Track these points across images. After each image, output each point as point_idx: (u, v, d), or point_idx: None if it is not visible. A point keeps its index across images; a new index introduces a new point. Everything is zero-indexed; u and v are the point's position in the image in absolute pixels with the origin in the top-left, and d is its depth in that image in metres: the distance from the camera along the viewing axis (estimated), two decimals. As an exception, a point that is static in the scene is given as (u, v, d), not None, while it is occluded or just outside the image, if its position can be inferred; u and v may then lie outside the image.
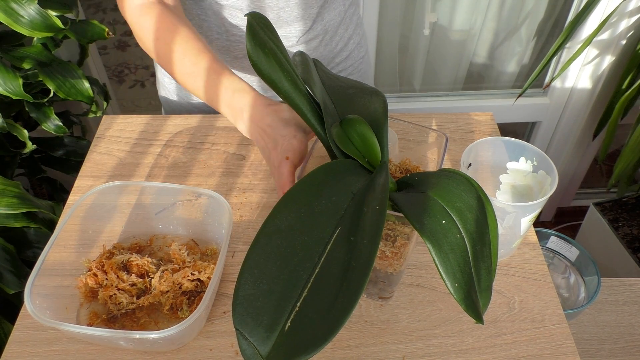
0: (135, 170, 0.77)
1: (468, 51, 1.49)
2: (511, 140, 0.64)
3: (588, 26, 1.33)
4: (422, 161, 0.62)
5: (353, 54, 0.93)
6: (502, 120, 1.56)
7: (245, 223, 0.71)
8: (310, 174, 0.47)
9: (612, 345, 0.93)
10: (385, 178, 0.46)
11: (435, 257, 0.40)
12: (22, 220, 0.97)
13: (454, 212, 0.43)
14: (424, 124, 0.66)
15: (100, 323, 0.59)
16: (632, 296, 1.00)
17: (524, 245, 0.69)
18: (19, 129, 1.08)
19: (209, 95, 0.65)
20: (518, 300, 0.63)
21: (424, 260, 0.67)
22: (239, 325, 0.38)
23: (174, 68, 0.67)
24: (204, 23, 0.80)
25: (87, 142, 1.34)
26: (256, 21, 0.51)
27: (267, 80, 0.49)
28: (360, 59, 0.95)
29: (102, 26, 1.18)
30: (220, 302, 0.62)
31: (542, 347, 0.59)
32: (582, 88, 1.46)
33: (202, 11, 0.78)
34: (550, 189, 0.59)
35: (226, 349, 0.58)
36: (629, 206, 1.47)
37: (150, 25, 0.67)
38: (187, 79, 0.66)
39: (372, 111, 0.55)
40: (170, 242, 0.64)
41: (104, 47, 2.48)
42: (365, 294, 0.63)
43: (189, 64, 0.65)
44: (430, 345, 0.59)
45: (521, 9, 1.40)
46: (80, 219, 0.62)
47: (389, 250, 0.54)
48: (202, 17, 0.79)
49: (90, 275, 0.60)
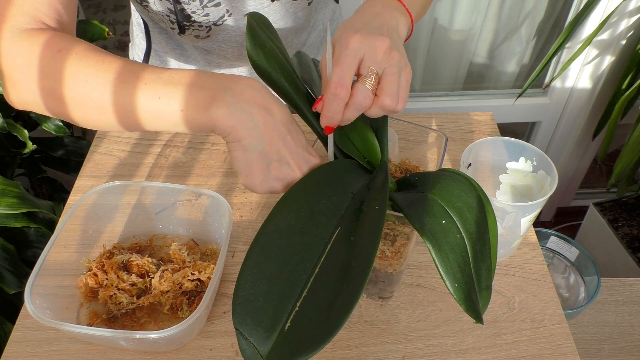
0: (136, 170, 0.77)
1: (468, 51, 1.49)
2: (511, 140, 0.64)
3: (588, 26, 1.33)
4: (422, 161, 0.62)
5: None
6: (502, 120, 1.56)
7: (245, 223, 0.71)
8: (310, 174, 0.47)
9: (612, 345, 0.93)
10: (385, 178, 0.46)
11: (435, 257, 0.40)
12: (22, 220, 0.97)
13: (453, 212, 0.43)
14: (424, 124, 0.66)
15: (100, 323, 0.59)
16: (632, 296, 1.00)
17: (523, 245, 0.69)
18: (19, 129, 1.08)
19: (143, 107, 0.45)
20: (518, 300, 0.63)
21: (424, 260, 0.67)
22: (239, 325, 0.38)
23: (72, 103, 0.47)
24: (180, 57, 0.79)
25: (87, 142, 1.34)
26: (256, 21, 0.51)
27: (267, 80, 0.49)
28: None
29: (102, 26, 1.18)
30: (220, 302, 0.62)
31: (542, 347, 0.59)
32: (582, 88, 1.46)
33: (177, 45, 0.78)
34: (550, 189, 0.59)
35: (226, 349, 0.58)
36: (628, 206, 1.47)
37: (28, 54, 0.47)
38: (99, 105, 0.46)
39: (372, 111, 0.55)
40: (171, 242, 0.64)
41: (104, 47, 2.48)
42: (365, 294, 0.63)
43: (93, 84, 0.46)
44: (430, 345, 0.59)
45: (521, 9, 1.40)
46: (81, 219, 0.62)
47: (389, 250, 0.54)
48: (178, 52, 0.78)
49: (90, 275, 0.60)
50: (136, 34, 0.83)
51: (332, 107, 0.45)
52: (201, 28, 0.71)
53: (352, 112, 0.46)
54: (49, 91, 0.47)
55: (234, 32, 0.73)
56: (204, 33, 0.72)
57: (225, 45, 0.75)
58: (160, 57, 0.82)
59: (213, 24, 0.70)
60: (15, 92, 0.49)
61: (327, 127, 0.48)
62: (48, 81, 0.47)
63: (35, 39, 0.48)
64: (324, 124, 0.47)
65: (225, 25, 0.71)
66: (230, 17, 0.70)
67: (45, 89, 0.48)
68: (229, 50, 0.77)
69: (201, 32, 0.72)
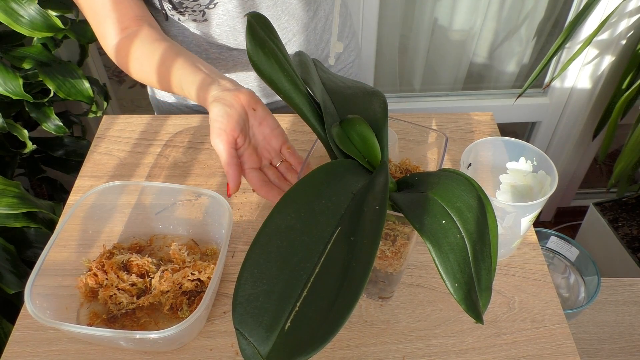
0: (136, 170, 0.77)
1: (468, 51, 1.49)
2: (511, 140, 0.64)
3: (588, 26, 1.33)
4: (422, 161, 0.62)
5: (342, 58, 0.93)
6: (502, 120, 1.56)
7: (245, 223, 0.71)
8: (310, 174, 0.47)
9: (612, 345, 0.93)
10: (385, 178, 0.46)
11: (435, 257, 0.40)
12: (22, 220, 0.97)
13: (454, 212, 0.43)
14: (424, 124, 0.66)
15: (100, 323, 0.59)
16: (632, 296, 1.00)
17: (524, 245, 0.69)
18: (19, 129, 1.08)
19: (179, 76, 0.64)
20: (518, 300, 0.63)
21: (424, 260, 0.67)
22: (239, 325, 0.38)
23: (153, 77, 0.68)
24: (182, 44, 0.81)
25: (87, 142, 1.34)
26: (256, 21, 0.51)
27: (267, 80, 0.49)
28: (350, 63, 0.95)
29: (102, 26, 1.18)
30: (220, 302, 0.62)
31: (542, 347, 0.59)
32: (582, 88, 1.46)
33: (179, 32, 0.80)
34: (550, 189, 0.59)
35: (226, 349, 0.58)
36: (628, 206, 1.47)
37: (129, 54, 0.69)
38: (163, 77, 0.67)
39: (372, 111, 0.55)
40: (170, 242, 0.64)
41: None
42: (365, 294, 0.63)
43: (163, 65, 0.66)
44: (430, 345, 0.59)
45: (521, 9, 1.40)
46: (81, 219, 0.62)
47: (389, 250, 0.54)
48: (180, 39, 0.80)
49: (90, 275, 0.60)
50: None
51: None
52: (195, 13, 0.73)
53: None
54: (135, 73, 0.71)
55: (224, 15, 0.75)
56: (200, 17, 0.74)
57: (219, 30, 0.77)
58: None
59: (206, 7, 0.73)
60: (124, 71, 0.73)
61: None
62: (134, 66, 0.70)
63: (122, 48, 0.69)
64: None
65: (216, 9, 0.73)
66: (220, 0, 0.72)
67: (133, 72, 0.71)
68: (223, 36, 0.78)
69: (197, 17, 0.74)
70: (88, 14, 0.70)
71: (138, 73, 0.70)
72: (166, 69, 0.65)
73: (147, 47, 0.68)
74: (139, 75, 0.70)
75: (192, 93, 0.61)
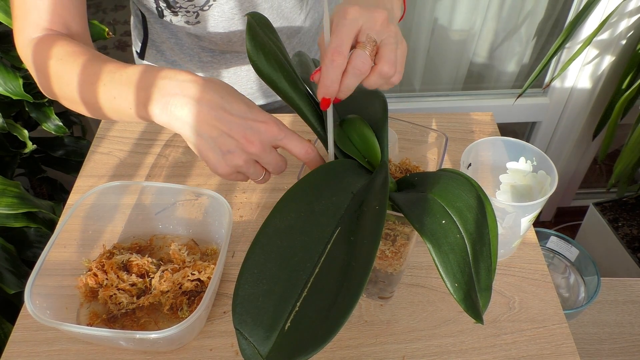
0: (136, 170, 0.77)
1: (468, 51, 1.49)
2: (511, 140, 0.64)
3: (588, 26, 1.33)
4: (422, 161, 0.62)
5: None
6: (502, 120, 1.56)
7: (245, 223, 0.71)
8: (310, 173, 0.47)
9: (612, 345, 0.93)
10: (385, 178, 0.46)
11: (435, 257, 0.40)
12: (22, 220, 0.97)
13: (454, 212, 0.43)
14: (424, 124, 0.66)
15: (100, 323, 0.59)
16: (632, 296, 1.00)
17: (523, 245, 0.69)
18: (19, 129, 1.08)
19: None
20: (518, 300, 0.63)
21: (424, 260, 0.67)
22: (239, 325, 0.38)
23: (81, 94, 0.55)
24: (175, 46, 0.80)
25: (87, 142, 1.34)
26: (256, 21, 0.51)
27: (267, 80, 0.49)
28: None
29: (102, 26, 1.18)
30: (220, 302, 0.62)
31: (542, 347, 0.59)
32: (582, 88, 1.46)
33: (171, 35, 0.79)
34: (550, 189, 0.59)
35: (226, 349, 0.58)
36: (628, 206, 1.47)
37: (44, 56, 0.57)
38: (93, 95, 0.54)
39: (372, 111, 0.55)
40: (170, 242, 0.64)
41: (104, 47, 2.48)
42: (365, 294, 0.63)
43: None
44: (430, 345, 0.59)
45: (521, 9, 1.40)
46: (81, 219, 0.62)
47: (389, 250, 0.54)
48: (173, 42, 0.79)
49: (90, 275, 0.60)
50: (134, 24, 0.85)
51: (330, 75, 0.45)
52: (189, 14, 0.72)
53: (351, 79, 0.45)
54: (48, 91, 0.60)
55: (219, 17, 0.74)
56: (193, 19, 0.73)
57: (213, 31, 0.76)
58: (157, 47, 0.83)
59: (200, 9, 0.72)
60: (40, 88, 0.61)
61: (323, 100, 0.46)
62: (47, 82, 0.58)
63: (37, 48, 0.58)
64: (321, 96, 0.46)
65: (211, 10, 0.72)
66: (215, 2, 0.71)
67: (46, 89, 0.60)
68: (217, 37, 0.77)
69: (190, 18, 0.73)
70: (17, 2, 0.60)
71: (57, 73, 0.57)
72: (98, 66, 0.54)
73: (75, 47, 0.57)
74: (56, 80, 0.58)
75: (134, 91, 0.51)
